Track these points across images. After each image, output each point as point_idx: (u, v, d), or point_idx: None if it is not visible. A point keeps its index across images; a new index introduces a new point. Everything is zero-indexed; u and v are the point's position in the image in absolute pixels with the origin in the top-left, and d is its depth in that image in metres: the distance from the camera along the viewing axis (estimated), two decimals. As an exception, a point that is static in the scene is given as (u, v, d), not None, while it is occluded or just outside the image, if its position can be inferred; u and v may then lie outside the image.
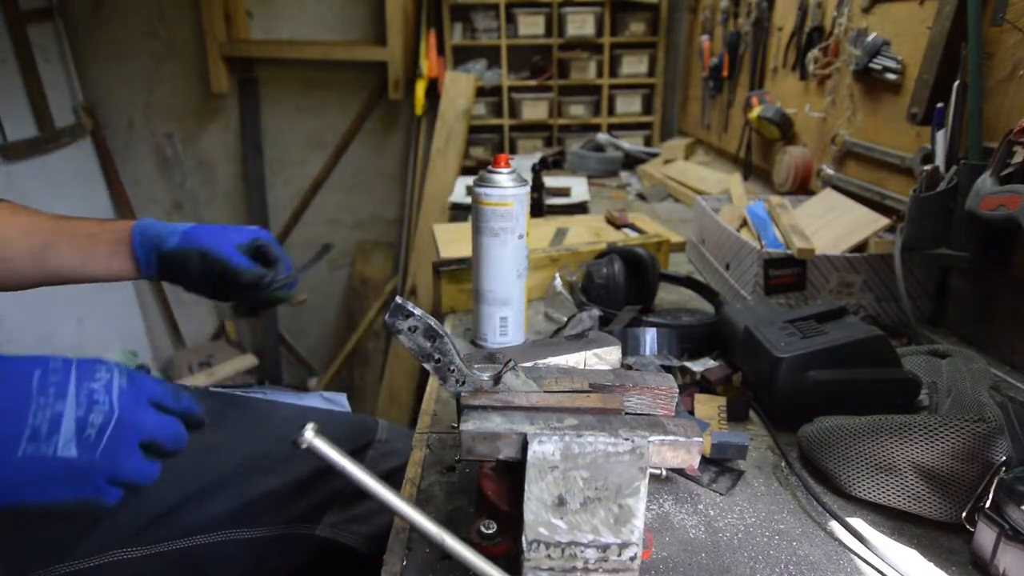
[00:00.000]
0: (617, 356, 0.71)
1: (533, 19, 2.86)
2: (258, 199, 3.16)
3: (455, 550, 0.41)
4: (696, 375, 0.85)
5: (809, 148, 1.58)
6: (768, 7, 1.81)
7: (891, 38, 1.23)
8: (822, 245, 1.11)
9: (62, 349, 2.68)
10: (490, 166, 0.88)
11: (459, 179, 2.08)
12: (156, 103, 3.07)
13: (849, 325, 0.79)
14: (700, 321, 0.98)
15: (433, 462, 0.71)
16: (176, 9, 2.92)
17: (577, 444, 0.50)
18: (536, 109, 2.96)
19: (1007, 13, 0.91)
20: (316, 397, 0.95)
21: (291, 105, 3.09)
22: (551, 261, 1.15)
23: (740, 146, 1.95)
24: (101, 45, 2.95)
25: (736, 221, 1.27)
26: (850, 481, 0.65)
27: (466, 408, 0.54)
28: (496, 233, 0.87)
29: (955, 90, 0.96)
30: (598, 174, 2.26)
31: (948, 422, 0.60)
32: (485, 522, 0.52)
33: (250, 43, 2.94)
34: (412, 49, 2.85)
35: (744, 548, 0.59)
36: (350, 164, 3.18)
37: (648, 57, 2.95)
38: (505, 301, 0.91)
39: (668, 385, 0.61)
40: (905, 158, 1.17)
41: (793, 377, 0.74)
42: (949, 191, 0.92)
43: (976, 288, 0.99)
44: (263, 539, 0.77)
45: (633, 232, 1.48)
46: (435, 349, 0.53)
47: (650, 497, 0.64)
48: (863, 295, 1.05)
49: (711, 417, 0.78)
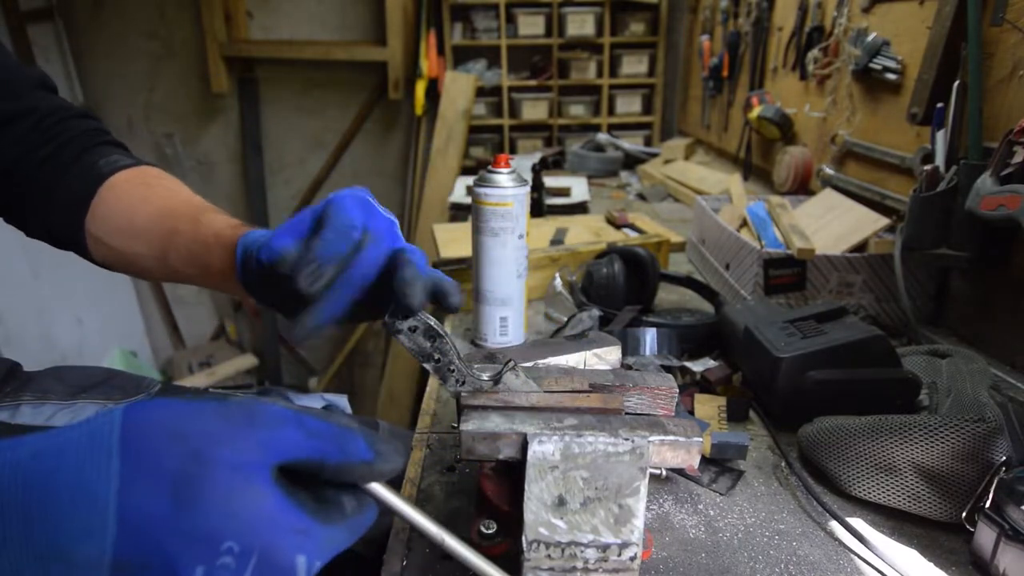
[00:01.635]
0: (617, 356, 0.71)
1: (533, 19, 2.86)
2: (258, 199, 3.16)
3: (453, 548, 0.41)
4: (696, 375, 0.85)
5: (809, 148, 1.58)
6: (768, 7, 1.81)
7: (891, 38, 1.23)
8: (822, 245, 1.11)
9: (62, 348, 2.68)
10: (490, 166, 0.88)
11: (459, 179, 2.08)
12: (156, 103, 3.07)
13: (849, 325, 0.79)
14: (700, 321, 0.98)
15: (433, 462, 0.71)
16: (176, 9, 2.92)
17: (577, 444, 0.50)
18: (536, 109, 2.96)
19: (1007, 13, 0.91)
20: (317, 399, 0.94)
21: (291, 105, 3.09)
22: (551, 261, 1.15)
23: (740, 146, 1.95)
24: (101, 45, 2.95)
25: (736, 221, 1.27)
26: (850, 481, 0.65)
27: (466, 408, 0.54)
28: (496, 233, 0.87)
29: (955, 90, 0.96)
30: (598, 174, 2.26)
31: (948, 422, 0.60)
32: (485, 522, 0.52)
33: (250, 43, 2.94)
34: (412, 49, 2.85)
35: (744, 548, 0.59)
36: (350, 164, 3.18)
37: (648, 57, 2.95)
38: (505, 301, 0.91)
39: (668, 385, 0.61)
40: (905, 158, 1.17)
41: (793, 377, 0.74)
42: (949, 191, 0.92)
43: (976, 288, 0.99)
44: None
45: (633, 232, 1.48)
46: (435, 349, 0.53)
47: (650, 497, 0.64)
48: (863, 295, 1.05)
49: (711, 417, 0.78)
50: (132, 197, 0.72)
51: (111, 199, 0.72)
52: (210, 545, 0.32)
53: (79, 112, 0.76)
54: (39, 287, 2.60)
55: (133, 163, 0.75)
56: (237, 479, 0.32)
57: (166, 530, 0.31)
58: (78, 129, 0.74)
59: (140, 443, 0.32)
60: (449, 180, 2.61)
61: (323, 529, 0.35)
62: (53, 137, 0.72)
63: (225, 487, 0.32)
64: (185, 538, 0.31)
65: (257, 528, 0.32)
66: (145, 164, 0.76)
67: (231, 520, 0.32)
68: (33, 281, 2.58)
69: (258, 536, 0.32)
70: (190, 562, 0.31)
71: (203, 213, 0.68)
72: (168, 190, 0.73)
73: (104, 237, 0.72)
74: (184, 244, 0.67)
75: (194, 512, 0.32)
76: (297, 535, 0.34)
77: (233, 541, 0.32)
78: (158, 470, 0.32)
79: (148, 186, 0.73)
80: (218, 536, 0.32)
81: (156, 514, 0.31)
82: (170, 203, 0.71)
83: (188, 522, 0.31)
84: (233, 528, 0.32)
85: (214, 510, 0.32)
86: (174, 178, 0.76)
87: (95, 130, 0.76)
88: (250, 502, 0.33)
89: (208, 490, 0.32)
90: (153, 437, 0.33)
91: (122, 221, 0.71)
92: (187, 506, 0.32)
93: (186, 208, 0.70)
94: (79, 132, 0.74)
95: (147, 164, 0.77)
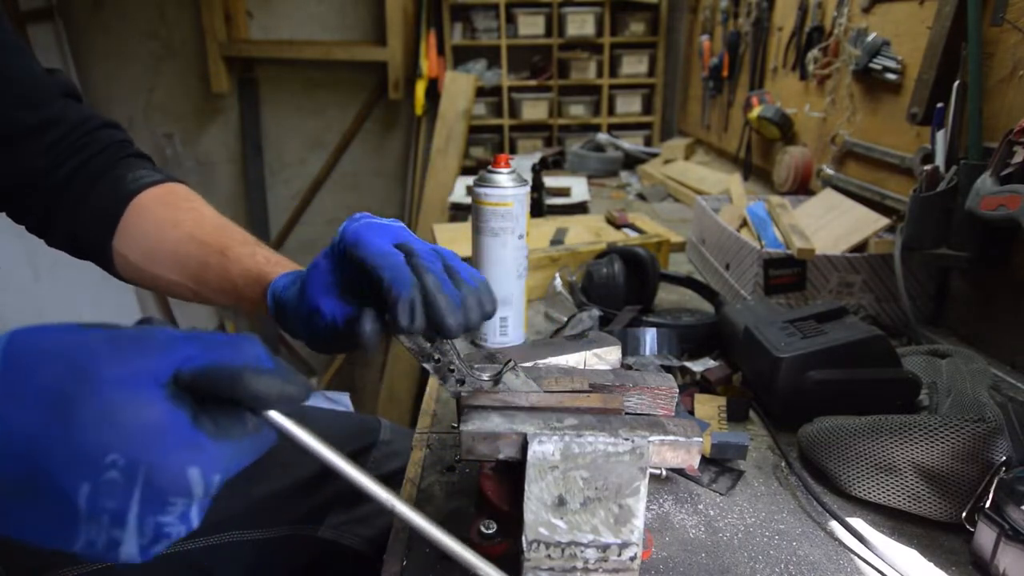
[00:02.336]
0: (617, 356, 0.71)
1: (533, 19, 2.86)
2: (258, 199, 3.16)
3: (404, 514, 0.40)
4: (696, 375, 0.85)
5: (809, 148, 1.58)
6: (768, 7, 1.81)
7: (891, 38, 1.23)
8: (822, 245, 1.11)
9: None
10: (490, 166, 0.88)
11: (459, 179, 2.08)
12: (156, 103, 3.07)
13: (849, 325, 0.79)
14: (700, 321, 0.98)
15: (433, 462, 0.71)
16: (176, 9, 2.92)
17: (577, 444, 0.50)
18: (536, 109, 2.96)
19: (1007, 13, 0.91)
20: (319, 396, 0.94)
21: (291, 105, 3.09)
22: (551, 261, 1.15)
23: (740, 146, 1.95)
24: (101, 45, 2.95)
25: (736, 221, 1.27)
26: (850, 481, 0.65)
27: (466, 408, 0.54)
28: (496, 233, 0.87)
29: (955, 90, 0.96)
30: (598, 174, 2.26)
31: (948, 422, 0.60)
32: (485, 522, 0.52)
33: (250, 43, 2.94)
34: (412, 49, 2.85)
35: (744, 548, 0.59)
36: (350, 164, 3.18)
37: (648, 57, 2.95)
38: (505, 301, 0.91)
39: (668, 385, 0.61)
40: (905, 158, 1.17)
41: (793, 377, 0.74)
42: (949, 191, 0.92)
43: (976, 288, 0.99)
44: (267, 540, 0.77)
45: (633, 232, 1.48)
46: (435, 349, 0.53)
47: (650, 497, 0.64)
48: (863, 295, 1.05)
49: (711, 417, 0.78)
50: (161, 220, 0.71)
51: (140, 220, 0.72)
52: (93, 460, 0.31)
53: (105, 122, 0.76)
54: (40, 288, 2.60)
55: (161, 179, 0.75)
56: (122, 393, 0.32)
57: (47, 448, 0.31)
58: (105, 141, 0.74)
59: (21, 363, 0.32)
60: (449, 180, 2.61)
61: (218, 444, 0.35)
62: (80, 149, 0.72)
63: (108, 401, 0.32)
64: (67, 455, 0.31)
65: (142, 440, 0.32)
66: (171, 180, 0.76)
67: (114, 433, 0.32)
68: (34, 282, 2.58)
69: (144, 449, 0.32)
70: (75, 479, 0.31)
71: (228, 247, 0.68)
72: (195, 213, 0.73)
73: (132, 257, 0.72)
74: (215, 280, 0.68)
75: (74, 428, 0.31)
76: (189, 448, 0.33)
77: (117, 454, 0.32)
78: (39, 390, 0.32)
79: (177, 208, 0.73)
80: (101, 450, 0.32)
81: (36, 433, 0.31)
82: (199, 232, 0.70)
83: (69, 439, 0.31)
84: (117, 441, 0.32)
85: (94, 424, 0.32)
86: (198, 196, 0.76)
87: (121, 142, 0.76)
88: (134, 415, 0.32)
89: (89, 406, 0.32)
90: (35, 357, 0.33)
91: (151, 244, 0.71)
92: (67, 423, 0.31)
93: (214, 238, 0.69)
94: (106, 145, 0.74)
95: (173, 180, 0.77)
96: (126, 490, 0.32)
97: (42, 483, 0.31)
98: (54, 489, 0.31)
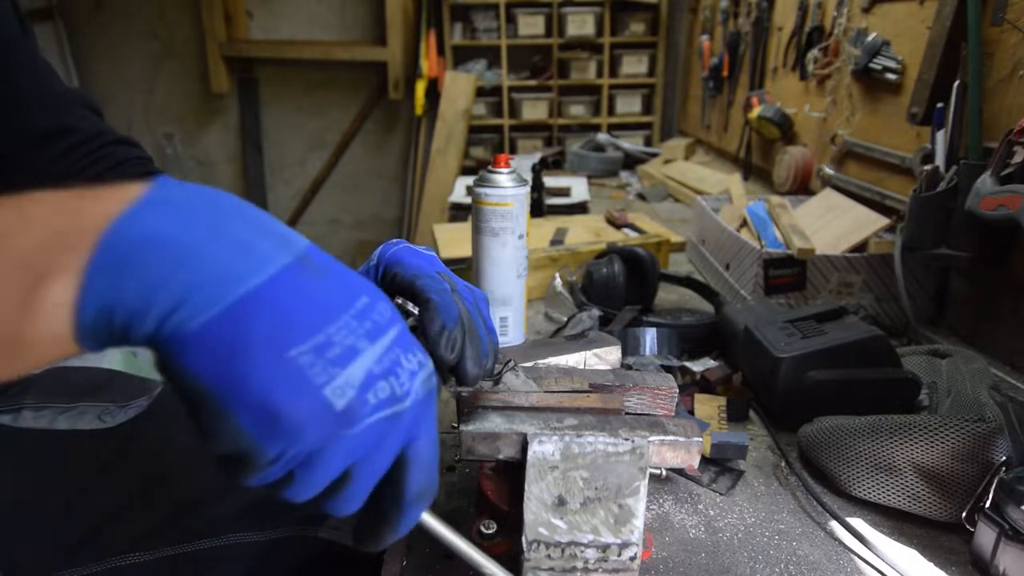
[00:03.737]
0: (617, 356, 0.71)
1: (533, 19, 2.86)
2: (258, 199, 3.16)
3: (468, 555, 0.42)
4: (696, 375, 0.85)
5: (809, 148, 1.58)
6: (768, 7, 1.81)
7: (891, 38, 1.23)
8: (822, 245, 1.11)
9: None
10: (490, 166, 0.88)
11: (459, 179, 2.08)
12: (156, 103, 3.07)
13: (849, 325, 0.79)
14: (700, 321, 0.98)
15: (433, 462, 0.71)
16: (176, 9, 2.92)
17: (577, 444, 0.50)
18: (536, 109, 2.96)
19: (1007, 13, 0.91)
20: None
21: (291, 105, 3.09)
22: (551, 261, 1.15)
23: (740, 146, 1.95)
24: (101, 45, 2.95)
25: (736, 221, 1.27)
26: (850, 481, 0.65)
27: (466, 408, 0.54)
28: (496, 233, 0.87)
29: (955, 90, 0.96)
30: (598, 174, 2.26)
31: (948, 422, 0.60)
32: (485, 522, 0.52)
33: (250, 43, 2.95)
34: (412, 49, 2.85)
35: (744, 548, 0.59)
36: (350, 164, 3.18)
37: (648, 57, 2.95)
38: (505, 301, 0.91)
39: (668, 385, 0.61)
40: (905, 158, 1.17)
41: (793, 377, 0.74)
42: (949, 191, 0.92)
43: (976, 288, 0.99)
44: (267, 541, 0.77)
45: (633, 232, 1.48)
46: (435, 349, 0.53)
47: (650, 497, 0.64)
48: (863, 295, 1.05)
49: (711, 417, 0.78)
50: None
51: None
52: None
53: (122, 138, 0.76)
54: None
55: None
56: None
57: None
58: (125, 156, 0.74)
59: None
60: (449, 180, 2.61)
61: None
62: (100, 159, 0.72)
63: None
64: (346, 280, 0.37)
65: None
66: None
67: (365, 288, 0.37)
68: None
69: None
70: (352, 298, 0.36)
71: None
72: None
73: None
74: None
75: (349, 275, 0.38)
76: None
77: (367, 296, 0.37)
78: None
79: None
80: (356, 292, 0.36)
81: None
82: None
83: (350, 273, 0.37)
84: (365, 291, 0.37)
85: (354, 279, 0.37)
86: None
87: (139, 158, 0.76)
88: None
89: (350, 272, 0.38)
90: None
91: None
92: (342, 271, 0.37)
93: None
94: (126, 159, 0.74)
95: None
96: (387, 324, 0.36)
97: (333, 270, 0.37)
98: (341, 278, 0.37)
